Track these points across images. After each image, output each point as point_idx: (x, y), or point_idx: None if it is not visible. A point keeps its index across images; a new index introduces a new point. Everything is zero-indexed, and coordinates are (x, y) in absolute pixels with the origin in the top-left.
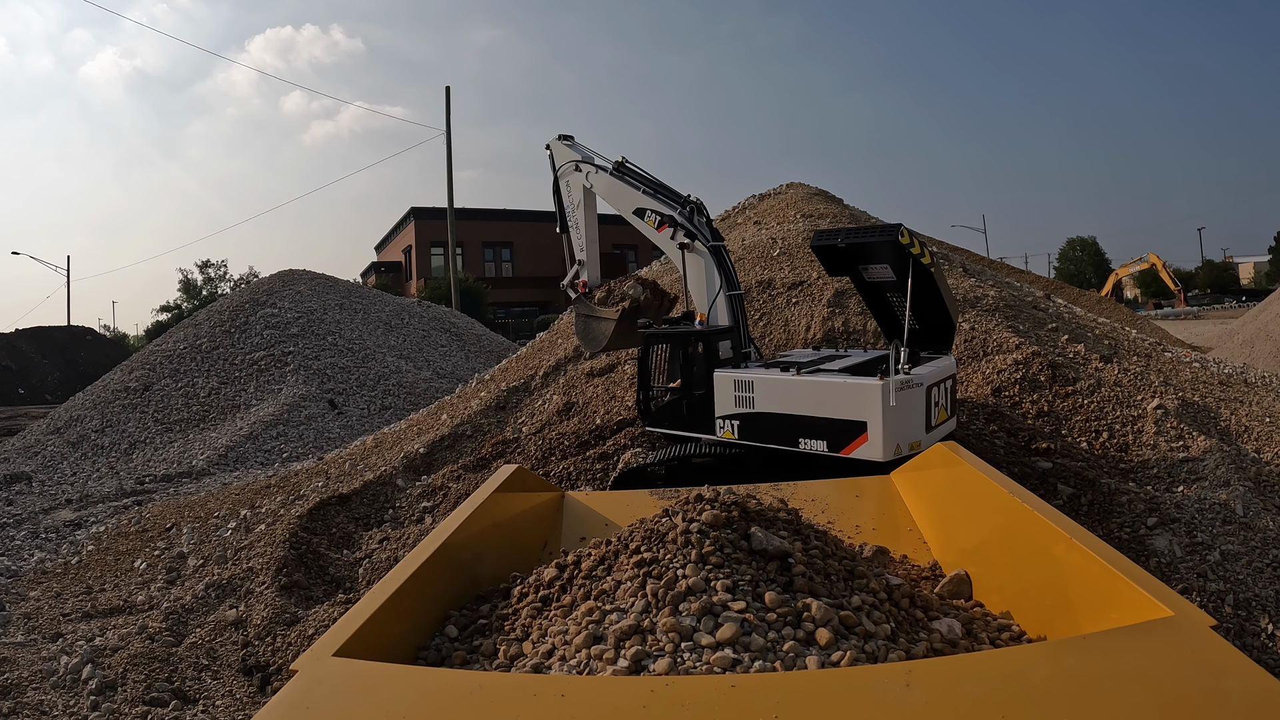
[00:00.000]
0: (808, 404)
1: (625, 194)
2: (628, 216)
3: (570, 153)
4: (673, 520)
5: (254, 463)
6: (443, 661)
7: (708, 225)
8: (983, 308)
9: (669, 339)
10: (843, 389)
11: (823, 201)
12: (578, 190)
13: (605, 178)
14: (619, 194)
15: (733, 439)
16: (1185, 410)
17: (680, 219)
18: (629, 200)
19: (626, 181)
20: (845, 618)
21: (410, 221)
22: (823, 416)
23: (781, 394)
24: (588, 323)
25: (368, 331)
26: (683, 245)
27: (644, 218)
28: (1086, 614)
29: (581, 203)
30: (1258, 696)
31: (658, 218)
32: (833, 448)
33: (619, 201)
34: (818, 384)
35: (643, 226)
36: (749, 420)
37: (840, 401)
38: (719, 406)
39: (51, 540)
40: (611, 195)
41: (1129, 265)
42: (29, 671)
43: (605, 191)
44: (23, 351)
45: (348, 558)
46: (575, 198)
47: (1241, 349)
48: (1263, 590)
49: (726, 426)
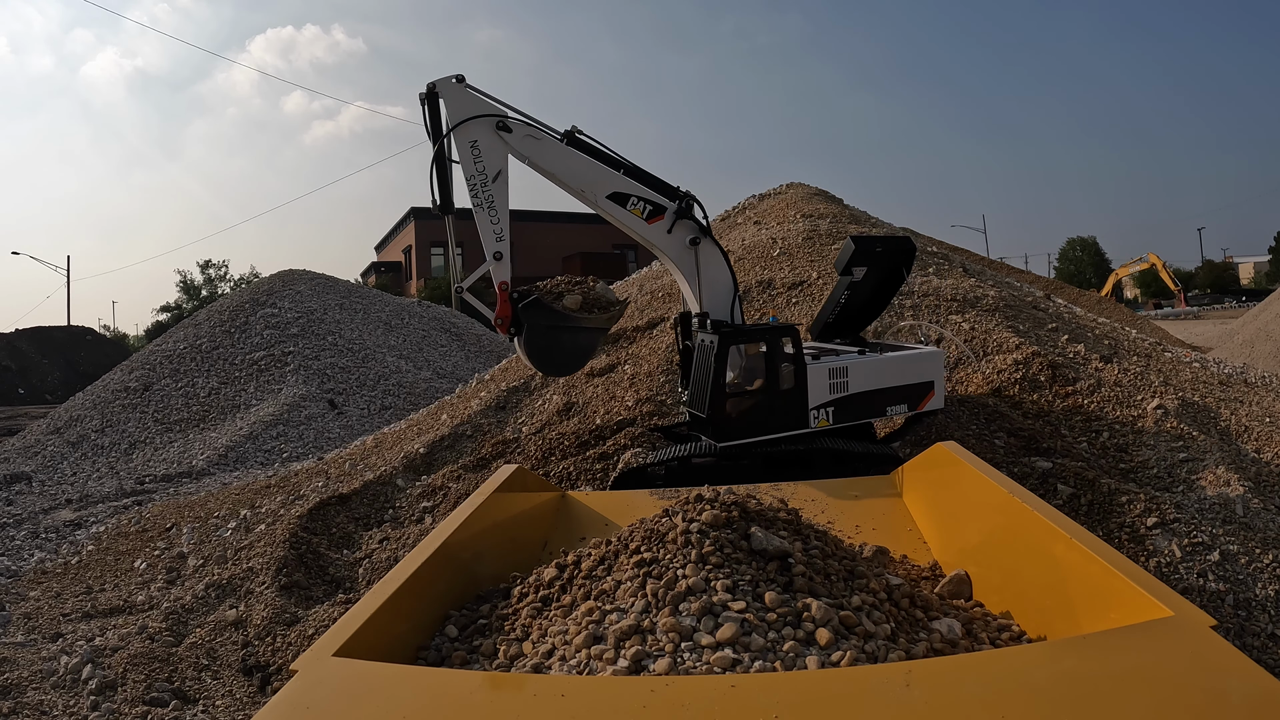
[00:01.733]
0: (892, 376)
1: (591, 172)
2: (595, 202)
3: (481, 103)
4: (673, 520)
5: (254, 463)
6: (443, 661)
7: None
8: (982, 308)
9: (759, 338)
10: (919, 358)
11: (823, 201)
12: (497, 156)
13: (555, 148)
14: (579, 171)
15: (828, 425)
16: (1185, 410)
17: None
18: (600, 180)
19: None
20: (845, 618)
21: (410, 221)
22: (904, 384)
23: (873, 373)
24: (557, 336)
25: (368, 331)
26: (693, 240)
27: (626, 205)
28: (1086, 614)
29: (501, 174)
30: (1258, 697)
31: (646, 207)
32: (912, 407)
33: (578, 180)
34: (902, 358)
35: (625, 216)
36: (843, 403)
37: (918, 369)
38: (814, 397)
39: (51, 540)
40: (567, 172)
41: (1129, 265)
42: (29, 671)
43: (556, 166)
44: (23, 351)
45: (348, 558)
46: (492, 166)
47: (1241, 349)
48: (1263, 590)
49: (822, 415)
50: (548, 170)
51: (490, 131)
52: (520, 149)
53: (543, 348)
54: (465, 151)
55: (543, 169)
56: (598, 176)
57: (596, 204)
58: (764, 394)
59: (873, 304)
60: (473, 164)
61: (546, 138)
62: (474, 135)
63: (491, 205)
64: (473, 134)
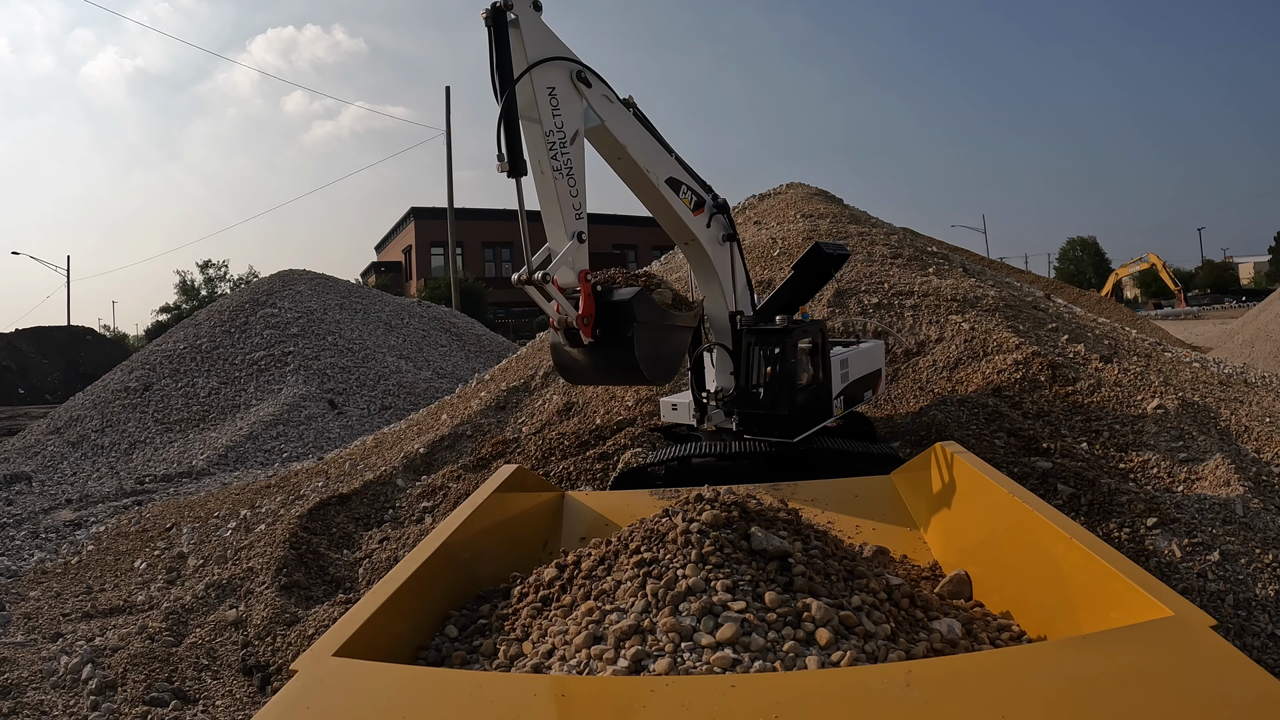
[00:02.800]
0: (866, 365)
1: (656, 151)
2: (655, 184)
3: (560, 44)
4: (673, 520)
5: (254, 463)
6: (443, 661)
7: None
8: (983, 308)
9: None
10: (874, 349)
11: (823, 201)
12: (574, 113)
13: (626, 116)
14: (643, 147)
15: (842, 412)
16: (1185, 410)
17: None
18: (662, 161)
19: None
20: (845, 618)
21: (410, 221)
22: (871, 372)
23: (857, 363)
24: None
25: (368, 331)
26: (728, 237)
27: (679, 192)
28: (1086, 614)
29: (579, 136)
30: (1258, 697)
31: (694, 198)
32: (873, 394)
33: (645, 158)
34: (868, 348)
35: (677, 204)
36: (848, 390)
37: (875, 359)
38: (835, 386)
39: (51, 540)
40: (637, 146)
41: (1129, 265)
42: (29, 671)
43: (628, 137)
44: (23, 351)
45: (348, 558)
46: (570, 124)
47: (1241, 349)
48: (1263, 590)
49: (839, 402)
50: (620, 140)
51: (568, 81)
52: (597, 109)
53: (654, 353)
54: (544, 99)
55: (614, 138)
56: (661, 157)
57: (656, 186)
58: (812, 387)
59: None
60: (552, 116)
61: (618, 103)
62: (552, 81)
63: (570, 172)
64: (551, 78)
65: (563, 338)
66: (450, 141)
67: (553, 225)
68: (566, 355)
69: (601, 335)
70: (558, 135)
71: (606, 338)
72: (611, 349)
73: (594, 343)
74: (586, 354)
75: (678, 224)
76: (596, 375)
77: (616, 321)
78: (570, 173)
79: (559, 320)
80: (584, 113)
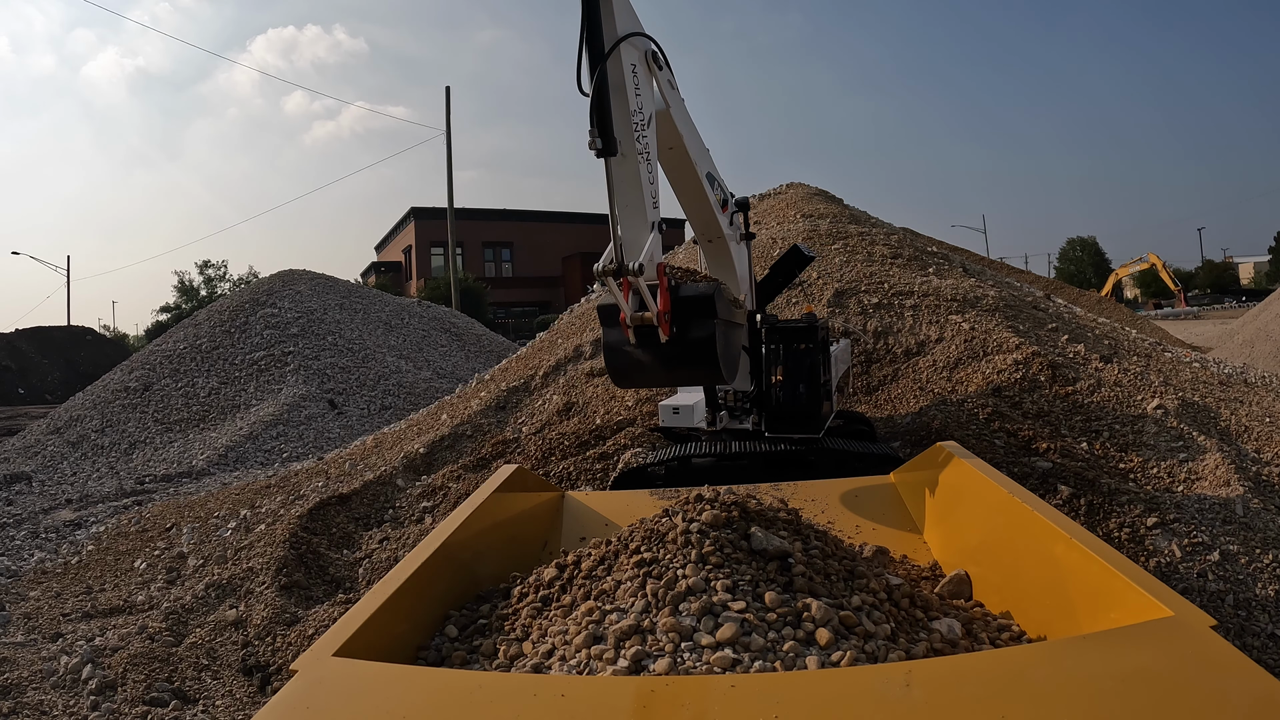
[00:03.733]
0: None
1: (698, 143)
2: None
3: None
4: (673, 520)
5: (254, 463)
6: (443, 661)
7: None
8: (983, 308)
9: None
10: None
11: (823, 201)
12: (650, 96)
13: (683, 105)
14: (694, 139)
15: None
16: (1185, 410)
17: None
18: (703, 155)
19: None
20: (845, 618)
21: (410, 221)
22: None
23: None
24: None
25: (368, 331)
26: (745, 236)
27: (714, 188)
28: (1086, 614)
29: (654, 120)
30: (1258, 697)
31: (723, 194)
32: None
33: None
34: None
35: (712, 198)
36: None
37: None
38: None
39: (51, 540)
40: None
41: (1129, 265)
42: (29, 671)
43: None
44: (23, 351)
45: (348, 558)
46: (648, 106)
47: (1241, 349)
48: (1263, 590)
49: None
50: (679, 128)
51: (645, 60)
52: (665, 94)
53: (728, 350)
54: (629, 77)
55: (674, 126)
56: (703, 150)
57: (700, 179)
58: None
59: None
60: (635, 95)
61: (678, 90)
62: (634, 59)
63: (649, 157)
64: (634, 56)
65: (632, 336)
66: (450, 141)
67: (633, 213)
68: (630, 356)
69: (678, 332)
70: (639, 116)
71: (683, 334)
72: (692, 346)
73: (670, 340)
74: (659, 352)
75: (709, 220)
76: (668, 375)
77: (697, 317)
78: (649, 157)
79: (632, 317)
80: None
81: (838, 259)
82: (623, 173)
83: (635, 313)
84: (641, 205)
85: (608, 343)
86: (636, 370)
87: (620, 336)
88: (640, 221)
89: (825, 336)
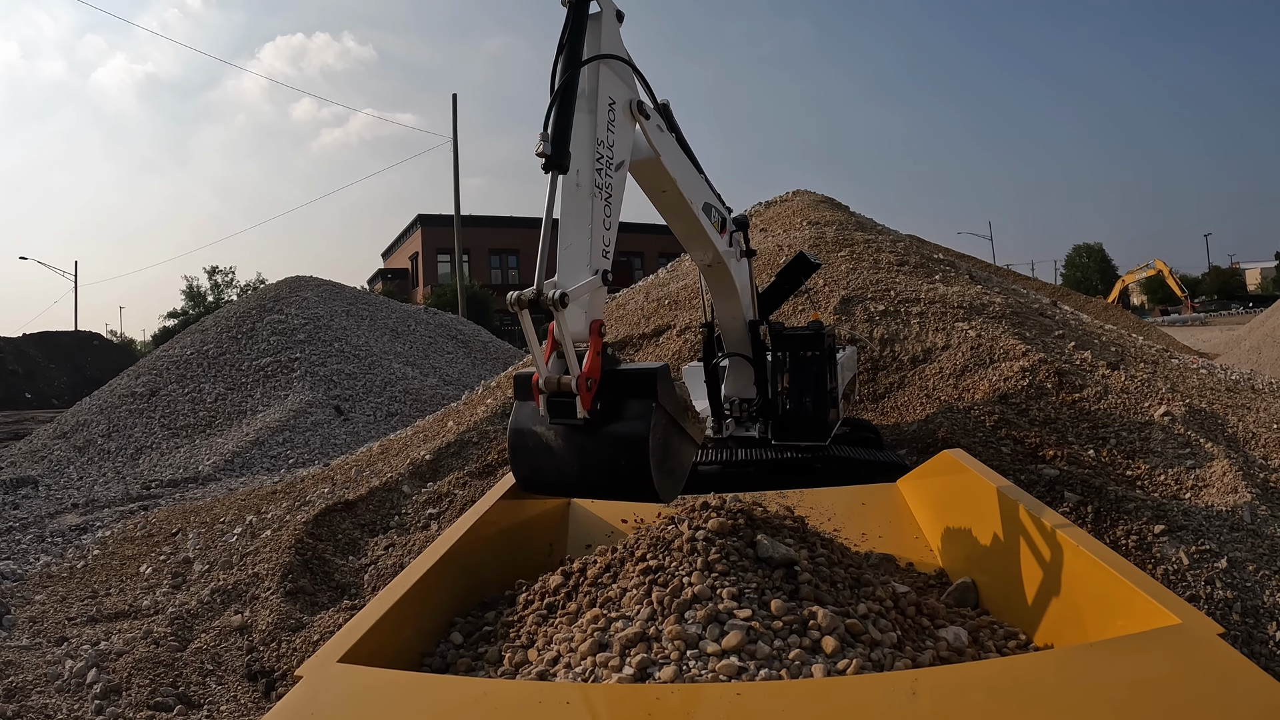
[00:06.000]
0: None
1: (692, 178)
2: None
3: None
4: (679, 528)
5: (260, 469)
6: (447, 668)
7: None
8: (989, 315)
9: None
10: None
11: (829, 209)
12: (625, 139)
13: (675, 147)
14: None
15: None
16: (1192, 417)
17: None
18: (700, 186)
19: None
20: (851, 625)
21: (417, 228)
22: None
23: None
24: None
25: (374, 338)
26: (745, 253)
27: (710, 216)
28: (1093, 622)
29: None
30: (1266, 705)
31: (719, 218)
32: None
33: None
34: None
35: (709, 227)
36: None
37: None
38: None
39: (57, 544)
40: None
41: (1136, 272)
42: (34, 675)
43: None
44: (30, 356)
45: (353, 564)
46: (621, 147)
47: (1248, 355)
48: (1271, 598)
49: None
50: (671, 171)
51: (626, 107)
52: (653, 141)
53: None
54: (604, 107)
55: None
56: (697, 182)
57: (696, 216)
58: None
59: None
60: (607, 128)
61: (666, 136)
62: (613, 93)
63: (609, 199)
64: (612, 90)
65: (543, 406)
66: (457, 148)
67: (575, 252)
68: (537, 438)
69: (603, 411)
70: (607, 151)
71: (610, 416)
72: (617, 432)
73: (589, 420)
74: (574, 437)
75: (706, 246)
76: (579, 471)
77: (629, 396)
78: (609, 200)
79: (546, 380)
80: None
81: (844, 266)
82: (573, 205)
83: (551, 375)
84: (586, 249)
85: (513, 420)
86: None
87: (530, 413)
88: (579, 261)
89: (832, 344)
